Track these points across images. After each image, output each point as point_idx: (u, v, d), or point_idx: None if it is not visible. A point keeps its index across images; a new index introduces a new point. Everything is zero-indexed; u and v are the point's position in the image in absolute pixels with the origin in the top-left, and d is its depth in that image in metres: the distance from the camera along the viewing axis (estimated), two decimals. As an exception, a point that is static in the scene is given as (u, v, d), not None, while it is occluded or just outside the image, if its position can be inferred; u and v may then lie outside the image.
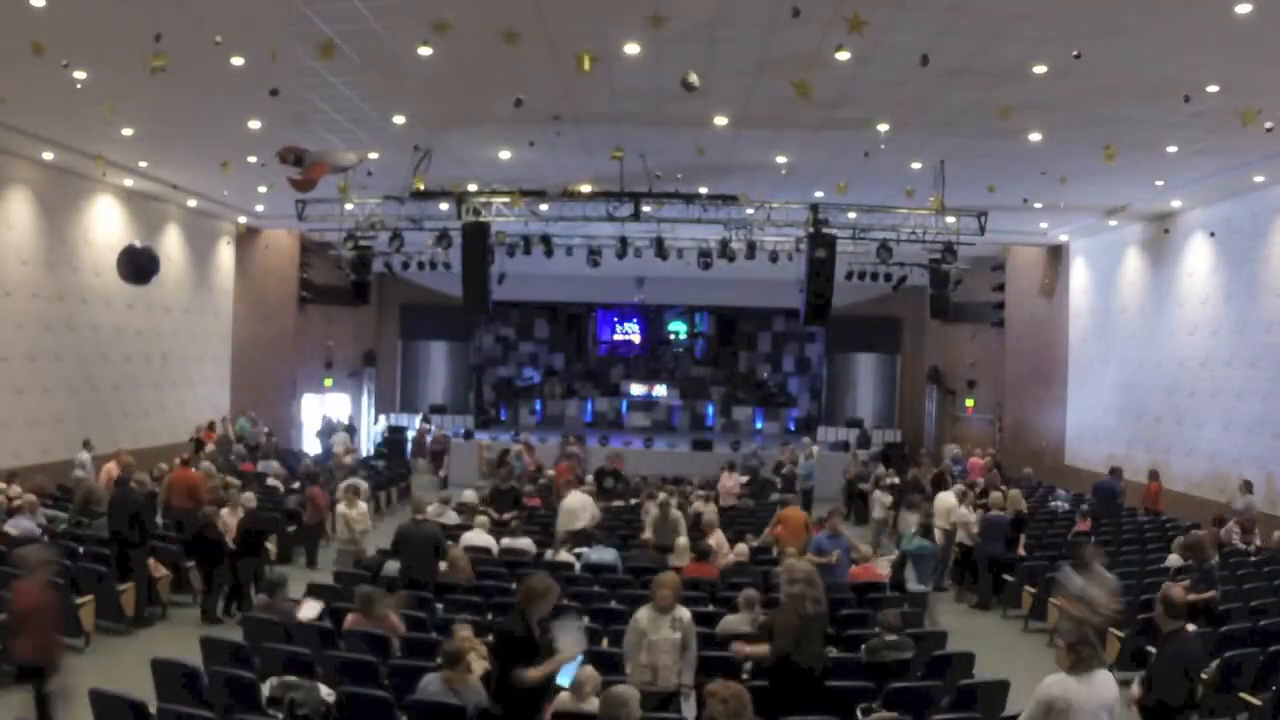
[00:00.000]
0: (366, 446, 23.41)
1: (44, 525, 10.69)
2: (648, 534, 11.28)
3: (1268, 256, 13.88)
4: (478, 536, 10.56)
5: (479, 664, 6.09)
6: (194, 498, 11.58)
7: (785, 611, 6.30)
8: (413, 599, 8.00)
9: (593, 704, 5.47)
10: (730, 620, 7.41)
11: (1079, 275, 20.08)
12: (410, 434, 22.60)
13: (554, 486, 14.74)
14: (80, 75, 9.99)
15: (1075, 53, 8.65)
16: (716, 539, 10.42)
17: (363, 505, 11.37)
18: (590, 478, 15.45)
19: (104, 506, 10.62)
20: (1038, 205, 16.25)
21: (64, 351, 15.18)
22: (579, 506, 11.45)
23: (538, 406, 27.95)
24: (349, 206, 16.09)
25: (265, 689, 5.88)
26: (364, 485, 12.73)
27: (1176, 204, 15.83)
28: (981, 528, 11.62)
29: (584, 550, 10.41)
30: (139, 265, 11.38)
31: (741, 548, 10.12)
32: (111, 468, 12.69)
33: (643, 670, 6.12)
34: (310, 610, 7.60)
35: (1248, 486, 13.07)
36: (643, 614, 6.28)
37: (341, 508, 11.24)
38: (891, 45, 8.90)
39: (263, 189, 16.54)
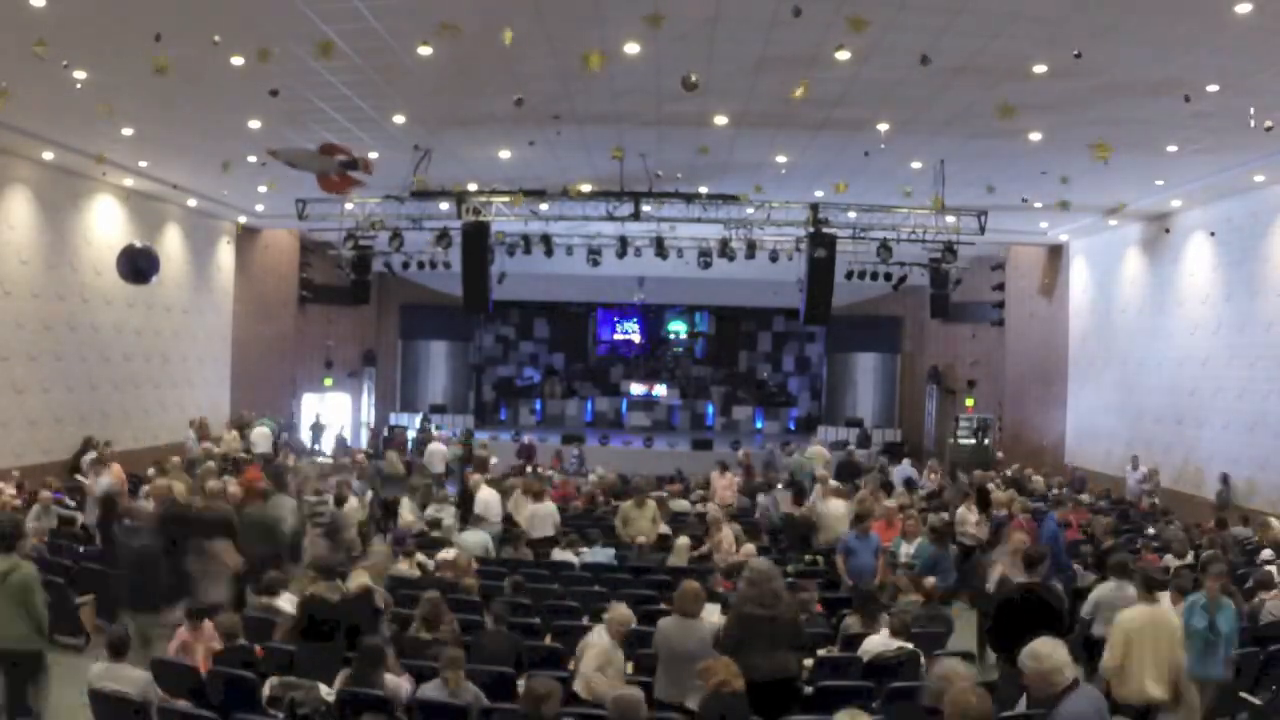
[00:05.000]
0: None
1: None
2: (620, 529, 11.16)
3: (1268, 256, 13.87)
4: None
5: None
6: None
7: (730, 614, 6.18)
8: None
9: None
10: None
11: (1079, 275, 20.07)
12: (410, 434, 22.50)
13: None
14: (80, 75, 9.99)
15: (1075, 53, 8.65)
16: (724, 536, 10.41)
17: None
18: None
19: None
20: (1038, 205, 16.26)
21: (64, 351, 15.17)
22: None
23: (538, 406, 27.93)
24: (349, 206, 16.10)
25: (265, 689, 5.87)
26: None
27: (1176, 204, 15.82)
28: (991, 530, 11.65)
29: (584, 550, 10.41)
30: (138, 265, 11.40)
31: (749, 547, 10.11)
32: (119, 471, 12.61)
33: None
34: (287, 604, 7.56)
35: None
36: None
37: None
38: (891, 45, 8.91)
39: (263, 189, 16.53)
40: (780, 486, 16.91)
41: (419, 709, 5.67)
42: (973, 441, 21.50)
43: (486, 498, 11.37)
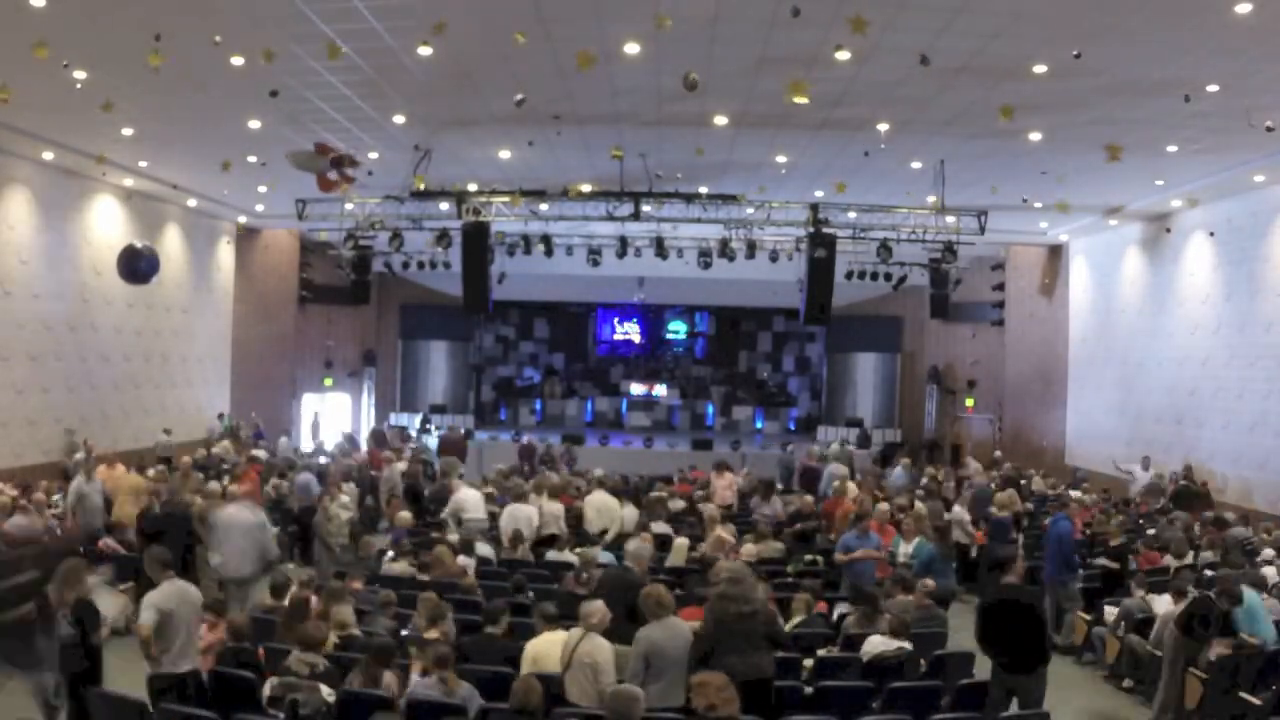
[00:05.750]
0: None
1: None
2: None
3: (1268, 256, 13.88)
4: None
5: None
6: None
7: (706, 615, 6.11)
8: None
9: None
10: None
11: (1079, 275, 20.08)
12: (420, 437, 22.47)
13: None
14: (80, 75, 9.99)
15: (1075, 53, 8.66)
16: (715, 538, 10.38)
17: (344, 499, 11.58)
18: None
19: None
20: (1038, 205, 16.26)
21: (64, 351, 15.17)
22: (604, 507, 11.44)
23: (538, 406, 27.93)
24: (349, 206, 16.10)
25: (265, 689, 5.87)
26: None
27: (1176, 204, 15.83)
28: (989, 530, 11.65)
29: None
30: (138, 266, 11.40)
31: (749, 548, 10.10)
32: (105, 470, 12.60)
33: None
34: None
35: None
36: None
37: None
38: (891, 45, 8.91)
39: (263, 189, 16.55)
40: (780, 487, 16.93)
41: (410, 708, 5.66)
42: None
43: (464, 498, 11.35)
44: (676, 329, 29.87)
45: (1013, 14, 8.23)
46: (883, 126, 11.91)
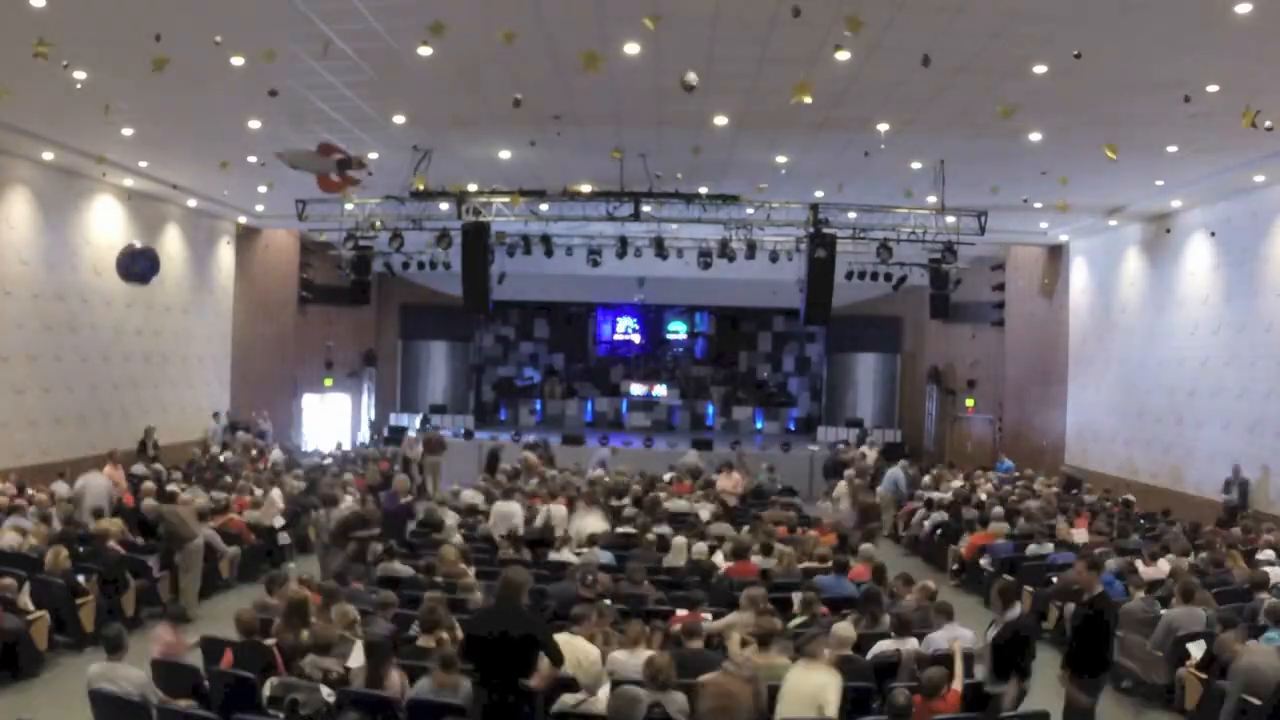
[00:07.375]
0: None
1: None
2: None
3: (1268, 256, 13.87)
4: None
5: None
6: None
7: None
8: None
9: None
10: (732, 618, 7.41)
11: (1079, 275, 20.08)
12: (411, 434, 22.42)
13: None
14: (80, 75, 9.99)
15: (1075, 52, 8.66)
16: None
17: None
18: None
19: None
20: (1038, 205, 16.26)
21: (64, 351, 15.17)
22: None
23: (538, 406, 27.91)
24: (349, 206, 16.11)
25: (265, 689, 5.87)
26: None
27: (1176, 204, 15.83)
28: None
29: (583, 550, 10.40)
30: (138, 266, 11.43)
31: (756, 559, 10.08)
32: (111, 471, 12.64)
33: None
34: None
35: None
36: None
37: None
38: (891, 45, 8.92)
39: (263, 189, 16.54)
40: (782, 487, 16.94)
41: (410, 709, 5.66)
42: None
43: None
44: (676, 329, 29.85)
45: (1013, 14, 8.24)
46: (883, 126, 11.91)
